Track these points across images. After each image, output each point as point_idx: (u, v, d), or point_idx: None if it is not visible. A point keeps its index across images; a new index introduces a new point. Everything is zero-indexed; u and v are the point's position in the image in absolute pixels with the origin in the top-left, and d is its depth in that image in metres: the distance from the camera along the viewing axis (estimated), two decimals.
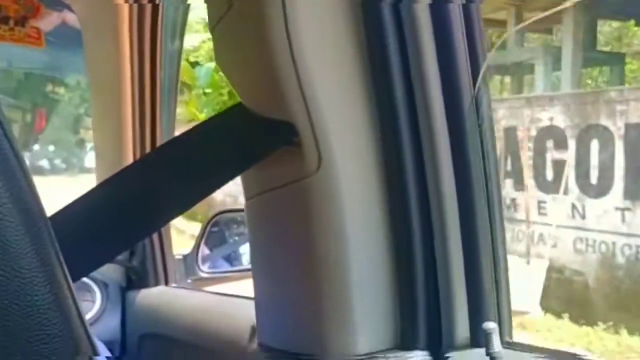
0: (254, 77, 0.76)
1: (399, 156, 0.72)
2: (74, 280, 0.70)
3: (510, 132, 7.29)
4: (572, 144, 6.73)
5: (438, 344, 0.74)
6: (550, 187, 7.00)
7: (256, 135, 0.75)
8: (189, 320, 1.37)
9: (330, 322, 0.74)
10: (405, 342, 0.74)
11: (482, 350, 0.69)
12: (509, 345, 0.73)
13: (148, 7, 1.47)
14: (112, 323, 1.64)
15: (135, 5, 1.47)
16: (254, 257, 0.84)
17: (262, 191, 0.79)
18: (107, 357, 1.40)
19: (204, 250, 1.86)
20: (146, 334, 1.54)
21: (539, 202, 7.15)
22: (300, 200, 0.73)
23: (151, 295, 1.63)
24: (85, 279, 1.69)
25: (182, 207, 0.76)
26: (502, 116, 7.32)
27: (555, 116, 6.91)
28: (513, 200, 7.36)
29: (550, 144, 6.97)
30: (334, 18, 0.69)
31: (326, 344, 0.74)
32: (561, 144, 6.83)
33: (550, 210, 7.01)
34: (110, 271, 1.73)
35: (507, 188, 7.28)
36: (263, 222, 0.81)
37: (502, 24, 10.78)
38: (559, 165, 6.88)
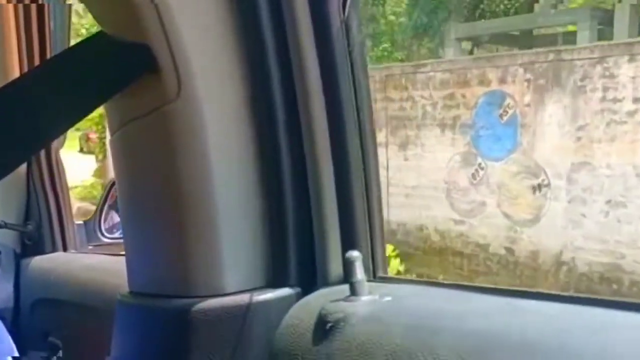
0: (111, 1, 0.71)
1: (265, 81, 0.68)
2: None
3: None
4: None
5: (311, 280, 0.71)
6: None
7: (116, 61, 0.70)
8: (79, 283, 1.30)
9: (197, 261, 0.70)
10: (276, 280, 0.71)
11: None
12: (381, 279, 0.71)
13: None
14: (5, 290, 1.54)
15: None
16: (121, 198, 0.78)
17: (125, 122, 0.73)
18: None
19: (111, 214, 1.77)
20: (39, 299, 1.46)
21: None
22: (163, 129, 0.68)
23: (46, 261, 1.54)
24: None
25: (50, 134, 0.75)
26: None
27: None
28: None
29: None
30: None
31: (193, 284, 0.70)
32: None
33: None
34: (4, 238, 1.63)
35: None
36: (128, 156, 0.75)
37: None
38: None
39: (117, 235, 1.79)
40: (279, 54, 0.67)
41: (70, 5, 1.53)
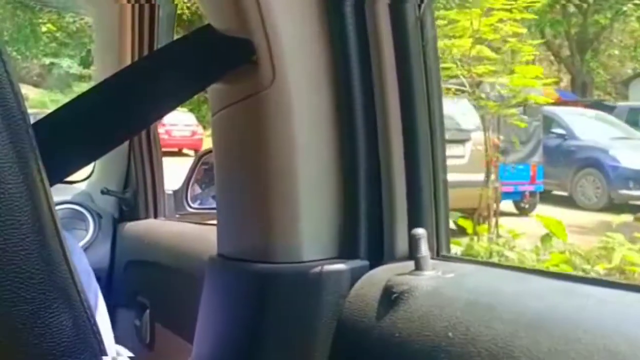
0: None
1: (347, 75, 0.71)
2: (54, 183, 0.70)
3: None
4: None
5: (379, 255, 0.74)
6: None
7: (220, 52, 0.76)
8: (168, 247, 1.38)
9: (278, 230, 0.74)
10: (347, 253, 0.74)
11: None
12: (443, 257, 0.73)
13: None
14: (102, 251, 1.65)
15: None
16: (218, 170, 0.84)
17: (225, 105, 0.79)
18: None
19: (194, 187, 1.85)
20: (131, 261, 1.55)
21: None
22: (256, 113, 0.74)
23: (139, 227, 1.63)
24: (80, 209, 1.70)
25: (155, 115, 0.83)
26: None
27: None
28: None
29: None
30: None
31: (274, 251, 0.75)
32: None
33: None
34: (105, 203, 1.74)
35: None
36: (226, 134, 0.81)
37: None
38: None
39: (198, 205, 1.88)
40: (360, 50, 0.71)
41: (176, 4, 1.62)
